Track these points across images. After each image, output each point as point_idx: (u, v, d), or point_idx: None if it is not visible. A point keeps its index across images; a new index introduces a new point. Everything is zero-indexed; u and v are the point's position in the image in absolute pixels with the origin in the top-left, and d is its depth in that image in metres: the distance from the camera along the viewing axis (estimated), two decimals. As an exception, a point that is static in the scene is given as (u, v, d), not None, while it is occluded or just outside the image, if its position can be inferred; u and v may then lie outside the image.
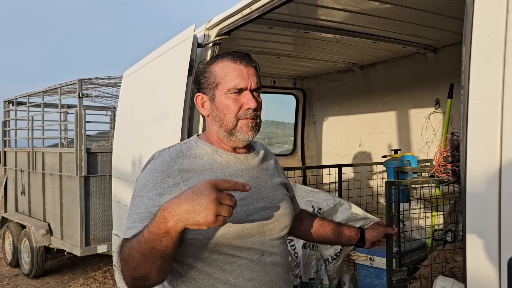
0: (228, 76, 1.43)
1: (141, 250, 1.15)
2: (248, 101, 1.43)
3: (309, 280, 3.26)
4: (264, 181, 1.54)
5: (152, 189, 1.34)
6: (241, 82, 1.43)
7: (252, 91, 1.46)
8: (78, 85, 5.40)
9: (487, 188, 1.19)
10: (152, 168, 1.40)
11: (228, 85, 1.43)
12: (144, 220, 1.27)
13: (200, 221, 1.05)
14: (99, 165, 5.52)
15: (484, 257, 1.20)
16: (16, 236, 6.38)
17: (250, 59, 1.49)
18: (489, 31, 1.22)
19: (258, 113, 1.48)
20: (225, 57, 1.48)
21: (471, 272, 1.24)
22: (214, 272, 1.37)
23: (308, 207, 3.24)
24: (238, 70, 1.44)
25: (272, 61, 4.54)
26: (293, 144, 5.72)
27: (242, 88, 1.44)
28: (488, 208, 1.19)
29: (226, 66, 1.45)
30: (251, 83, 1.45)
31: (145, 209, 1.30)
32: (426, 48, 3.96)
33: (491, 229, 1.17)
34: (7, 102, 7.42)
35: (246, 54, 1.49)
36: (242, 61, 1.45)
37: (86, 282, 5.73)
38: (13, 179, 7.11)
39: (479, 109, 1.23)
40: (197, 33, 2.89)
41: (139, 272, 1.19)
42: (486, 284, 1.20)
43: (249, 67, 1.46)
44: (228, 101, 1.44)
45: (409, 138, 4.45)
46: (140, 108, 3.67)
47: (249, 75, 1.45)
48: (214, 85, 1.46)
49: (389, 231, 2.03)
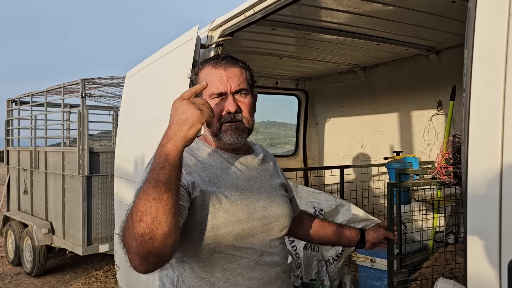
0: (209, 81, 1.43)
1: (144, 194, 1.11)
2: (228, 105, 1.45)
3: (310, 281, 3.26)
4: (263, 182, 1.56)
5: None
6: (220, 87, 1.44)
7: (235, 93, 1.46)
8: (81, 85, 5.42)
9: (488, 190, 1.19)
10: None
11: (209, 90, 1.45)
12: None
13: (190, 121, 1.15)
14: (102, 165, 5.53)
15: (484, 259, 1.21)
16: (18, 234, 6.40)
17: (233, 61, 1.49)
18: (491, 34, 1.23)
19: (242, 115, 1.47)
20: (208, 63, 1.50)
21: (472, 274, 1.25)
22: (214, 271, 1.39)
23: (310, 208, 3.25)
24: (217, 74, 1.45)
25: (275, 62, 4.55)
26: (295, 145, 5.73)
27: (221, 93, 1.45)
28: (488, 210, 1.19)
29: (208, 72, 1.48)
30: (231, 86, 1.45)
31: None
32: (429, 50, 3.97)
33: (492, 231, 1.18)
34: (11, 101, 7.44)
35: (227, 56, 1.50)
36: (221, 65, 1.46)
37: (88, 281, 5.75)
38: (16, 178, 7.13)
39: (481, 112, 1.24)
40: (201, 34, 2.89)
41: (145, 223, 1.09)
42: (486, 286, 1.20)
43: (230, 69, 1.47)
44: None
45: (411, 140, 4.45)
46: (143, 108, 3.68)
47: (229, 78, 1.45)
48: (200, 92, 1.46)
49: (389, 236, 2.02)
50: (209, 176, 1.42)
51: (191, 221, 1.36)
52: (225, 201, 1.40)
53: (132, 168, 3.63)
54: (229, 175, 1.47)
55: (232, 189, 1.44)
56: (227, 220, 1.38)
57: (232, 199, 1.41)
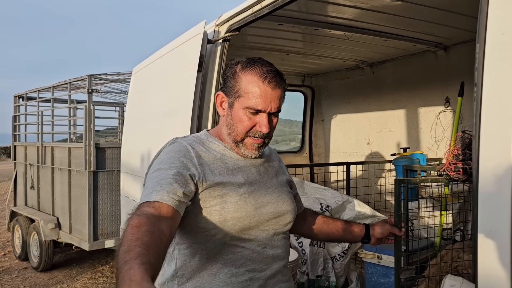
0: (251, 93, 1.41)
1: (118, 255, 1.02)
2: (262, 125, 1.42)
3: (316, 277, 3.26)
4: (270, 177, 1.57)
5: (170, 163, 1.35)
6: (261, 104, 1.40)
7: (271, 114, 1.44)
8: (88, 81, 5.42)
9: (499, 186, 1.18)
10: (168, 150, 1.43)
11: (248, 102, 1.41)
12: (163, 185, 1.27)
13: None
14: (108, 160, 5.54)
15: (495, 255, 1.19)
16: (25, 229, 6.43)
17: (280, 80, 1.43)
18: (504, 27, 1.21)
19: (268, 136, 1.47)
20: (255, 71, 1.42)
21: (482, 270, 1.24)
22: (217, 261, 1.40)
23: (316, 204, 3.24)
24: (263, 90, 1.40)
25: (281, 58, 4.53)
26: (301, 141, 5.72)
27: (260, 110, 1.42)
28: (500, 205, 1.18)
29: (253, 82, 1.41)
30: (272, 107, 1.42)
31: (164, 177, 1.30)
32: (437, 46, 3.94)
33: (503, 228, 1.17)
34: (18, 97, 7.48)
35: (277, 73, 1.44)
36: (270, 83, 1.40)
37: (94, 276, 5.77)
38: (23, 173, 7.16)
39: (493, 106, 1.22)
40: (207, 29, 2.89)
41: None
42: (497, 283, 1.19)
43: (276, 89, 1.42)
44: (243, 116, 1.43)
45: (418, 137, 4.42)
46: (149, 104, 3.68)
47: (273, 99, 1.41)
48: (237, 95, 1.45)
49: (395, 232, 1.98)
50: (219, 168, 1.43)
51: (198, 212, 1.37)
52: (234, 193, 1.40)
53: (138, 163, 3.63)
54: (239, 169, 1.48)
55: (241, 183, 1.44)
56: (235, 212, 1.38)
57: (241, 192, 1.42)
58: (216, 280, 1.40)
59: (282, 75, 1.46)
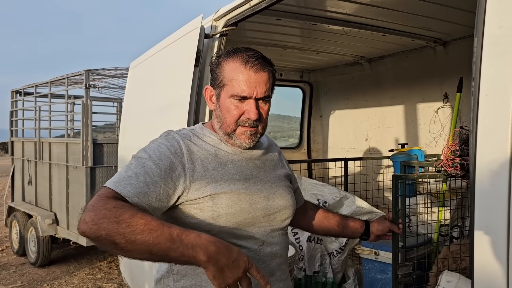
0: (235, 80, 1.38)
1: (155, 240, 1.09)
2: (249, 112, 1.39)
3: (313, 273, 3.26)
4: (267, 172, 1.53)
5: (161, 158, 1.31)
6: (246, 90, 1.37)
7: (258, 99, 1.40)
8: (85, 76, 5.40)
9: (496, 181, 1.17)
10: (160, 142, 1.39)
11: (233, 90, 1.38)
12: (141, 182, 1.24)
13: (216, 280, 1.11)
14: (105, 156, 5.53)
15: (491, 251, 1.18)
16: (23, 225, 6.43)
17: (264, 63, 1.40)
18: (502, 21, 1.20)
19: (260, 123, 1.43)
20: (238, 57, 1.40)
21: (479, 266, 1.23)
22: None
23: (314, 200, 3.23)
24: (246, 76, 1.37)
25: (279, 54, 4.51)
26: (299, 137, 5.71)
27: (245, 96, 1.39)
28: (496, 201, 1.17)
29: (236, 69, 1.38)
30: (257, 92, 1.38)
31: (149, 171, 1.27)
32: (436, 41, 3.92)
33: (500, 223, 1.16)
34: (15, 92, 7.45)
35: (260, 57, 1.40)
36: (252, 67, 1.37)
37: (92, 272, 5.77)
38: (20, 169, 7.15)
39: (490, 101, 1.21)
40: (205, 23, 2.86)
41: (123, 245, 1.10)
42: (493, 279, 1.18)
43: (260, 73, 1.38)
44: (230, 105, 1.40)
45: (416, 133, 4.41)
46: (147, 99, 3.66)
47: (257, 83, 1.38)
48: (221, 85, 1.42)
49: (394, 228, 1.99)
50: (213, 163, 1.40)
51: (191, 208, 1.35)
52: (228, 189, 1.37)
53: (136, 159, 3.61)
54: (233, 163, 1.44)
55: (235, 178, 1.41)
56: (229, 208, 1.35)
57: (235, 187, 1.39)
58: None
59: (267, 59, 1.43)
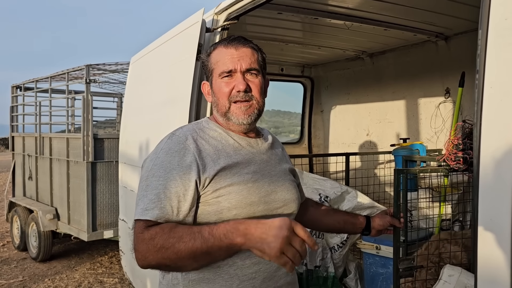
0: (220, 61, 1.46)
1: (193, 247, 1.18)
2: (237, 83, 1.44)
3: (314, 268, 3.26)
4: (273, 166, 1.54)
5: (170, 170, 1.33)
6: (230, 65, 1.45)
7: (245, 72, 1.46)
8: (86, 71, 5.39)
9: (500, 174, 1.16)
10: (167, 148, 1.39)
11: (219, 69, 1.47)
12: (163, 200, 1.29)
13: (265, 250, 1.12)
14: (106, 151, 5.52)
15: (495, 244, 1.18)
16: (24, 220, 6.44)
17: (245, 41, 1.49)
18: (508, 13, 1.19)
19: (252, 94, 1.46)
20: (219, 44, 1.51)
21: (482, 259, 1.23)
22: None
23: (315, 195, 3.23)
24: (228, 53, 1.45)
25: (280, 48, 4.50)
26: (300, 132, 5.69)
27: (231, 70, 1.45)
28: (501, 193, 1.16)
29: (219, 52, 1.48)
30: (242, 64, 1.45)
31: (164, 190, 1.30)
32: (438, 36, 3.90)
33: (504, 216, 1.15)
34: (15, 88, 7.44)
35: (240, 36, 1.50)
36: (233, 45, 1.47)
37: (93, 266, 5.79)
38: (21, 164, 7.15)
39: (495, 94, 1.20)
40: (206, 17, 2.85)
41: (173, 263, 1.22)
42: (496, 272, 1.18)
43: (241, 48, 1.47)
44: (221, 84, 1.47)
45: (417, 128, 4.40)
46: (148, 93, 3.66)
47: (240, 57, 1.45)
48: (211, 70, 1.50)
49: (395, 223, 2.01)
50: (222, 158, 1.41)
51: (202, 202, 1.36)
52: (238, 183, 1.38)
53: (137, 153, 3.62)
54: (241, 156, 1.45)
55: (244, 172, 1.42)
56: (239, 202, 1.36)
57: (245, 181, 1.40)
58: (220, 272, 1.37)
59: (246, 39, 1.52)
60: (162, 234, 1.22)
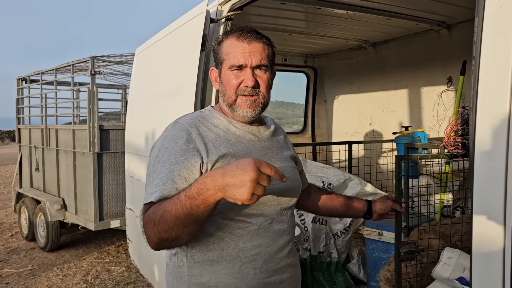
0: (231, 53, 1.47)
1: (176, 214, 1.22)
2: (246, 79, 1.46)
3: (318, 254, 3.33)
4: (275, 153, 1.59)
5: (173, 154, 1.39)
6: (241, 59, 1.46)
7: (255, 68, 1.48)
8: (91, 63, 5.43)
9: (494, 156, 1.21)
10: (171, 135, 1.44)
11: (230, 62, 1.48)
12: (167, 183, 1.34)
13: (236, 196, 1.14)
14: (112, 142, 5.58)
15: (489, 223, 1.23)
16: (31, 211, 6.53)
17: (257, 35, 1.50)
18: (502, 1, 1.23)
19: (259, 90, 1.49)
20: (232, 34, 1.51)
21: (477, 238, 1.28)
22: (225, 236, 1.43)
23: (318, 182, 3.29)
24: (240, 47, 1.47)
25: (284, 38, 4.53)
26: (304, 122, 5.74)
27: (241, 65, 1.47)
28: (494, 176, 1.21)
29: (231, 44, 1.49)
30: (252, 60, 1.46)
31: (168, 173, 1.36)
32: (440, 24, 3.92)
33: (497, 197, 1.20)
34: (21, 80, 7.49)
35: (253, 30, 1.50)
36: (246, 39, 1.47)
37: (100, 256, 5.88)
38: (28, 155, 7.23)
39: (490, 79, 1.25)
40: (210, 8, 2.89)
41: (169, 235, 1.27)
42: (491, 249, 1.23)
43: (254, 43, 1.48)
44: (230, 76, 1.49)
45: (420, 116, 4.44)
46: (153, 84, 3.71)
47: (251, 53, 1.46)
48: (221, 61, 1.52)
49: (396, 207, 2.03)
50: (223, 145, 1.45)
51: None
52: None
53: (143, 143, 3.68)
54: (243, 144, 1.50)
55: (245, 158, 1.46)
56: None
57: None
58: (223, 254, 1.43)
59: (260, 33, 1.52)
60: (153, 210, 1.29)
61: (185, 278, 1.47)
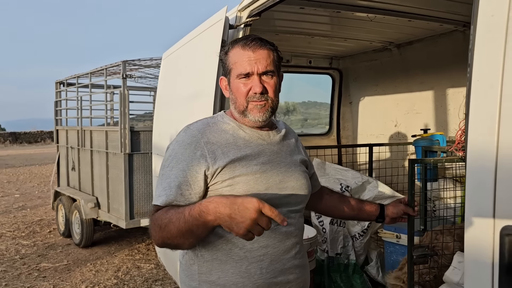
0: (237, 62, 1.54)
1: (179, 227, 1.35)
2: (254, 86, 1.53)
3: (336, 255, 3.35)
4: (284, 157, 1.63)
5: (181, 161, 1.49)
6: (248, 68, 1.52)
7: (262, 74, 1.54)
8: (122, 67, 5.64)
9: (484, 161, 1.23)
10: (181, 140, 1.55)
11: (237, 71, 1.54)
12: (173, 188, 1.45)
13: (233, 229, 1.25)
14: (142, 143, 5.77)
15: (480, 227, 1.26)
16: (68, 208, 6.83)
17: (261, 43, 1.55)
18: (494, 10, 1.25)
19: (267, 95, 1.55)
20: (237, 44, 1.57)
21: (469, 240, 1.31)
22: (232, 237, 1.49)
23: (337, 184, 3.32)
24: (246, 56, 1.53)
25: (307, 41, 4.56)
26: (329, 124, 5.75)
27: (248, 73, 1.53)
28: (485, 181, 1.23)
29: (237, 53, 1.55)
30: (258, 67, 1.52)
31: (174, 179, 1.47)
32: (465, 25, 3.85)
33: (487, 201, 1.23)
34: (59, 83, 7.84)
35: (256, 38, 1.56)
36: (250, 47, 1.53)
37: (131, 253, 6.10)
38: (65, 155, 7.56)
39: (481, 86, 1.27)
40: (229, 14, 2.98)
41: (172, 241, 1.40)
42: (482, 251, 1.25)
43: (258, 51, 1.53)
44: (238, 84, 1.56)
45: (446, 119, 4.37)
46: (178, 88, 3.84)
47: (257, 60, 1.52)
48: (229, 70, 1.59)
49: (409, 211, 2.04)
50: (232, 151, 1.51)
51: (211, 193, 1.49)
52: (246, 174, 1.48)
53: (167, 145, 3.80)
54: (251, 149, 1.55)
55: (253, 163, 1.51)
56: (246, 191, 1.46)
57: (253, 172, 1.49)
58: (231, 254, 1.50)
59: (265, 40, 1.58)
60: (160, 216, 1.41)
61: (195, 275, 1.56)
